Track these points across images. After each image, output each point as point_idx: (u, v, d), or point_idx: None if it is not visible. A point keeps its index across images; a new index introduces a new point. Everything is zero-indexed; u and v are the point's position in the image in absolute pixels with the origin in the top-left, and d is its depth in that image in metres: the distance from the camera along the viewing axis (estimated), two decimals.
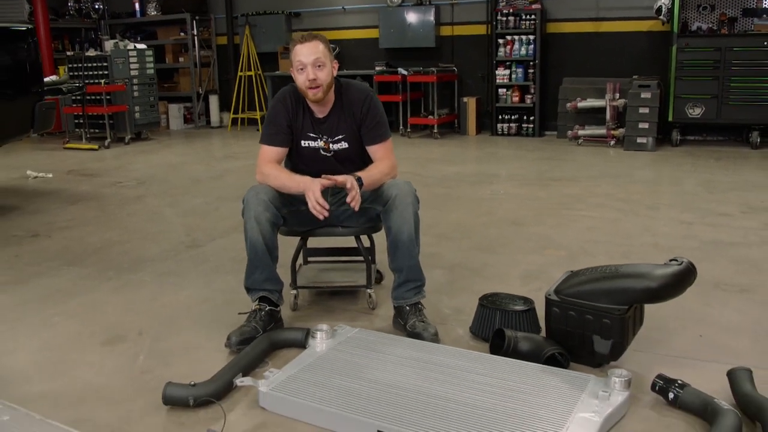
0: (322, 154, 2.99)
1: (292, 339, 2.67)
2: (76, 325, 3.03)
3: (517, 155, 7.86)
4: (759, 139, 7.62)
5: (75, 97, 8.78)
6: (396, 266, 2.83)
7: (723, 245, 4.04)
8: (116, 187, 6.30)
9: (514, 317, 2.74)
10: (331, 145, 2.98)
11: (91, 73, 9.06)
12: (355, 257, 3.33)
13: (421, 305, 2.87)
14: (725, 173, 6.35)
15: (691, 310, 3.01)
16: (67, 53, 9.93)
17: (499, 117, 9.29)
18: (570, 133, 8.46)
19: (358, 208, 2.72)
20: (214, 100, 11.17)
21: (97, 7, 11.40)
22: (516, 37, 8.97)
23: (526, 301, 2.85)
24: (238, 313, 2.88)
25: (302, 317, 3.06)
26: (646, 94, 7.76)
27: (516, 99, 9.17)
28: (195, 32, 10.97)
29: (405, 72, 9.16)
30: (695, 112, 7.73)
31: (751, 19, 7.82)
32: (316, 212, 2.68)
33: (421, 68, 9.21)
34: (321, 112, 2.97)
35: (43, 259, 4.07)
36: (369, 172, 2.85)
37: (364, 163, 3.03)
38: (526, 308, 2.78)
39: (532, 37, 8.87)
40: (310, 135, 2.98)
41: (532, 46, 8.90)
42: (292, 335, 2.69)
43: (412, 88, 9.27)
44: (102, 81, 8.89)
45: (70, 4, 11.31)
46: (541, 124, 9.13)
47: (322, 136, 2.98)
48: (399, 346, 2.60)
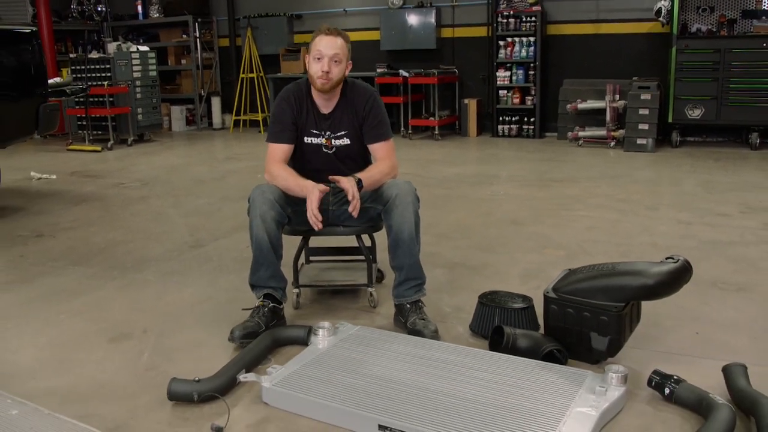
0: (324, 150, 3.04)
1: (295, 336, 2.71)
2: (82, 323, 3.08)
3: (518, 156, 7.91)
4: (758, 140, 7.65)
5: (78, 99, 8.83)
6: (397, 264, 2.87)
7: (721, 245, 4.08)
8: (119, 188, 6.34)
9: (513, 315, 2.77)
10: (333, 140, 3.03)
11: (94, 75, 9.11)
12: (357, 256, 3.37)
13: (421, 303, 2.91)
14: (724, 174, 6.39)
15: (689, 308, 3.05)
16: (70, 55, 9.98)
17: (500, 118, 9.33)
18: (570, 134, 8.50)
19: (357, 215, 2.77)
20: (216, 102, 11.21)
21: (99, 9, 11.46)
22: (516, 39, 9.01)
23: (524, 299, 2.89)
24: (242, 309, 2.91)
25: (304, 315, 3.10)
26: (645, 96, 7.80)
27: (516, 101, 9.21)
28: (197, 34, 11.03)
29: (406, 74, 9.20)
30: (695, 113, 7.77)
31: (751, 20, 7.85)
32: (311, 222, 2.74)
33: (422, 70, 9.24)
34: (326, 108, 3.01)
35: (47, 258, 4.11)
36: (369, 173, 2.89)
37: (365, 162, 3.08)
38: (525, 306, 2.81)
39: (532, 39, 8.91)
40: (313, 131, 3.02)
41: (532, 48, 8.94)
42: (295, 332, 2.73)
43: (413, 90, 9.31)
44: (105, 83, 8.94)
45: (72, 7, 11.35)
46: (542, 126, 9.16)
47: (325, 132, 3.02)
48: (400, 343, 2.64)
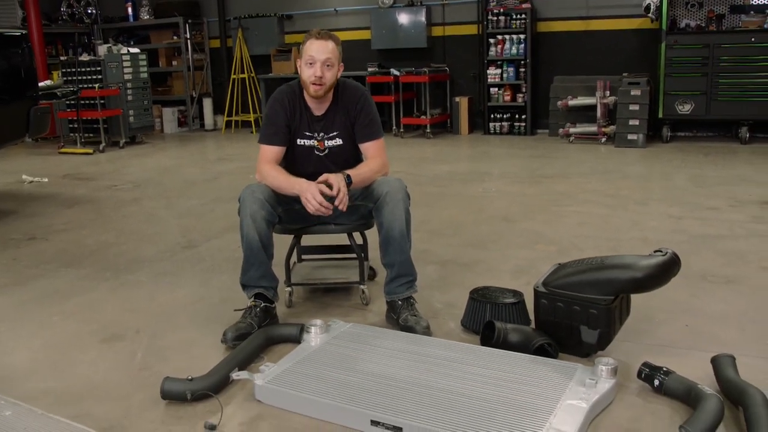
0: (316, 153, 3.05)
1: (287, 334, 2.73)
2: (75, 325, 3.08)
3: (509, 153, 7.93)
4: (748, 135, 7.70)
5: (69, 102, 8.82)
6: (388, 262, 2.89)
7: (711, 238, 4.11)
8: (112, 190, 6.34)
9: (504, 310, 2.79)
10: (326, 141, 3.04)
11: (85, 77, 9.11)
12: (348, 254, 3.38)
13: (413, 299, 2.92)
14: (714, 168, 6.43)
15: (678, 301, 3.07)
16: (61, 58, 9.97)
17: (491, 116, 9.36)
18: (561, 131, 8.54)
19: (345, 209, 2.78)
20: (207, 103, 11.21)
21: (89, 11, 11.44)
22: (507, 37, 9.04)
23: (515, 294, 2.91)
24: (234, 310, 2.93)
25: (297, 313, 3.11)
26: (636, 92, 7.84)
27: (508, 98, 9.23)
28: (188, 36, 11.03)
29: (397, 72, 9.22)
30: (685, 108, 7.81)
31: (739, 15, 7.90)
32: (321, 212, 2.74)
33: (413, 69, 9.26)
34: (318, 110, 3.03)
35: (40, 261, 4.11)
36: (358, 170, 2.91)
37: (357, 162, 3.09)
38: (516, 301, 2.84)
39: (522, 37, 8.94)
40: (306, 133, 3.03)
41: (522, 46, 8.96)
42: (287, 330, 2.74)
43: (404, 89, 9.32)
44: (96, 85, 8.93)
45: (62, 9, 11.33)
46: (533, 123, 9.19)
47: (317, 134, 3.03)
48: (391, 339, 2.65)
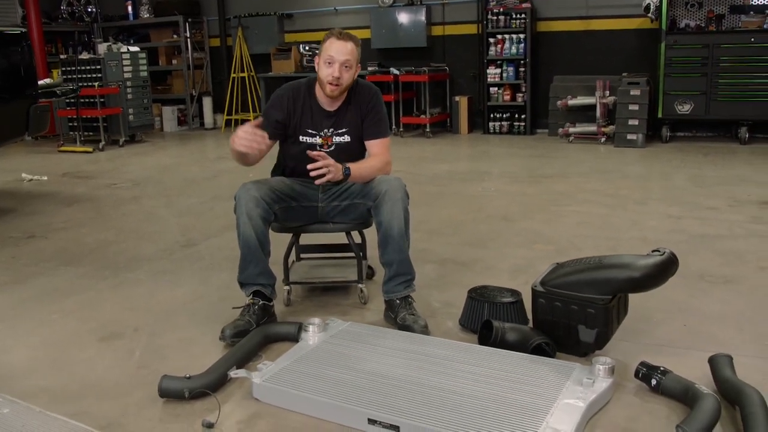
0: (319, 150, 3.04)
1: (285, 332, 2.73)
2: (74, 323, 3.09)
3: (509, 153, 7.94)
4: (747, 135, 7.70)
5: (69, 100, 8.81)
6: (386, 260, 2.89)
7: (709, 238, 4.11)
8: (111, 188, 6.34)
9: (502, 309, 2.80)
10: (335, 137, 3.04)
11: (85, 76, 9.10)
12: (347, 253, 3.38)
13: (411, 299, 2.93)
14: (713, 168, 6.43)
15: (676, 301, 3.08)
16: (61, 56, 9.95)
17: (491, 115, 9.36)
18: (561, 130, 8.54)
19: (320, 182, 2.77)
20: (207, 102, 11.21)
21: (89, 10, 11.44)
22: (507, 36, 9.04)
23: (513, 293, 2.91)
24: (232, 308, 2.93)
25: (295, 312, 3.12)
26: (635, 92, 7.84)
27: (507, 97, 9.23)
28: (188, 34, 11.02)
29: (397, 72, 9.22)
30: (684, 108, 7.81)
31: (739, 15, 7.90)
32: (247, 141, 2.69)
33: (413, 68, 9.27)
34: (331, 106, 3.03)
35: (40, 259, 4.11)
36: (359, 165, 2.92)
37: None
38: (514, 300, 2.84)
39: (522, 36, 8.94)
40: (309, 131, 3.03)
41: (522, 45, 8.96)
42: (285, 329, 2.75)
43: (404, 88, 9.33)
44: (95, 84, 8.92)
45: (62, 8, 11.33)
46: (533, 122, 9.19)
47: (328, 129, 3.03)
48: (389, 338, 2.66)
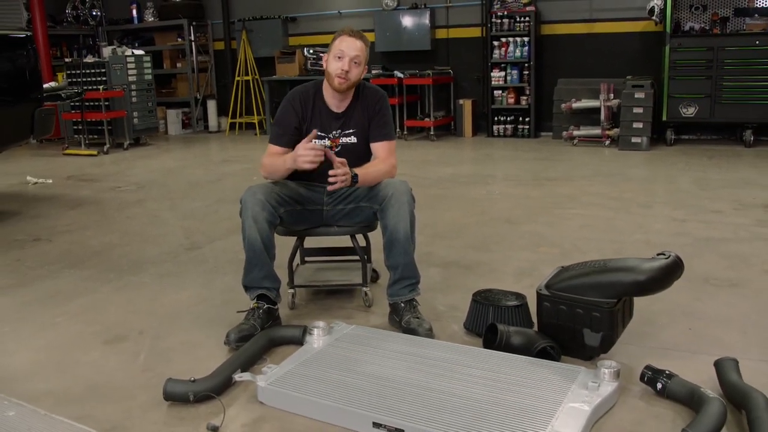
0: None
1: (290, 336, 2.73)
2: (78, 326, 3.09)
3: (513, 156, 7.93)
4: (752, 138, 7.68)
5: (74, 104, 8.85)
6: (392, 264, 2.89)
7: (714, 241, 4.10)
8: (115, 191, 6.35)
9: (507, 312, 2.79)
10: (342, 138, 3.05)
11: (90, 79, 9.12)
12: (351, 256, 3.38)
13: (415, 302, 2.92)
14: (718, 171, 6.42)
15: (681, 304, 3.07)
16: (66, 60, 10.00)
17: (495, 119, 9.35)
18: (565, 133, 8.53)
19: (333, 188, 2.79)
20: (211, 105, 11.22)
21: (94, 13, 11.44)
22: (510, 40, 9.04)
23: (518, 296, 2.91)
24: (237, 312, 2.93)
25: (299, 315, 3.12)
26: (639, 94, 7.84)
27: (511, 101, 9.23)
28: (192, 38, 11.04)
29: (401, 75, 9.23)
30: (689, 111, 7.80)
31: (743, 18, 7.89)
32: (318, 157, 2.76)
33: (417, 71, 9.28)
34: (339, 107, 3.04)
35: (44, 262, 4.12)
36: (366, 170, 2.92)
37: (367, 162, 3.09)
38: (519, 303, 2.83)
39: (526, 39, 8.94)
40: (319, 134, 3.04)
41: (526, 48, 8.96)
42: (290, 332, 2.75)
43: (408, 91, 9.34)
44: (100, 87, 8.94)
45: (67, 11, 11.33)
46: (537, 125, 9.19)
47: (336, 131, 3.04)
48: (394, 342, 2.65)
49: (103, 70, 9.12)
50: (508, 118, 9.30)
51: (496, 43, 9.15)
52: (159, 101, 10.41)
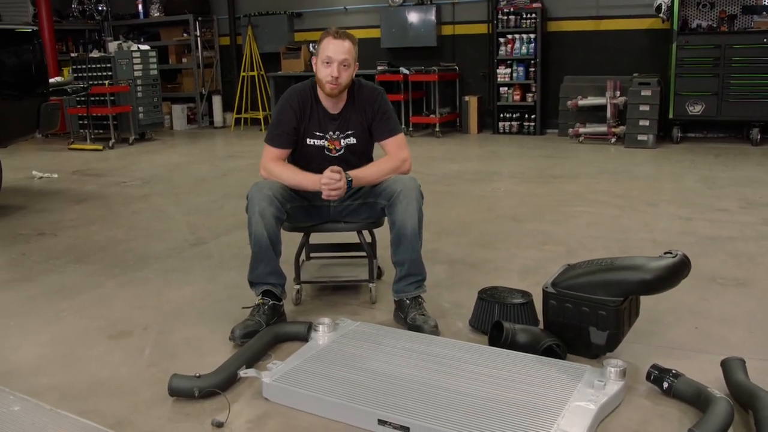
0: (326, 153, 3.04)
1: (295, 332, 2.73)
2: (83, 320, 3.09)
3: (519, 153, 7.91)
4: (759, 136, 7.64)
5: (79, 98, 8.84)
6: (398, 260, 2.88)
7: (720, 240, 4.08)
8: (121, 186, 6.36)
9: (513, 310, 2.78)
10: (342, 140, 3.03)
11: (95, 74, 9.13)
12: (357, 253, 3.37)
13: (421, 299, 2.92)
14: (725, 169, 6.39)
15: (688, 303, 3.05)
16: (71, 55, 9.99)
17: (501, 115, 9.33)
18: (571, 131, 8.50)
19: (328, 197, 2.82)
20: (217, 101, 11.23)
21: (100, 8, 11.46)
22: (517, 36, 9.01)
23: (524, 294, 2.90)
24: (242, 308, 2.93)
25: (305, 311, 3.11)
26: (646, 92, 7.80)
27: (517, 97, 9.21)
28: (198, 33, 11.05)
29: (407, 71, 9.21)
30: (695, 109, 7.77)
31: (751, 16, 7.85)
32: (339, 189, 2.80)
33: (423, 67, 9.25)
34: (334, 109, 3.02)
35: (49, 256, 4.13)
36: (363, 172, 2.91)
37: (368, 160, 3.09)
38: (524, 301, 2.82)
39: (532, 36, 8.91)
40: (317, 133, 3.02)
41: (533, 45, 8.93)
42: (295, 328, 2.74)
43: (413, 88, 9.32)
44: (106, 82, 8.95)
45: (73, 6, 11.37)
46: (543, 123, 9.16)
47: (334, 132, 3.02)
48: (399, 339, 2.65)
49: (109, 65, 9.12)
50: (514, 115, 9.28)
51: (502, 40, 9.12)
52: (164, 96, 10.41)
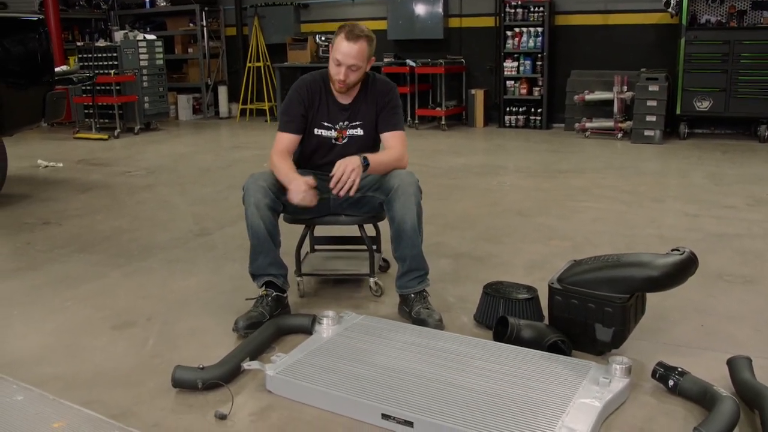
0: (334, 142, 3.04)
1: (299, 325, 2.72)
2: (87, 310, 3.09)
3: (525, 147, 7.88)
4: (767, 133, 7.59)
5: (85, 87, 8.83)
6: (400, 255, 2.87)
7: (727, 237, 4.06)
8: (126, 176, 6.36)
9: (518, 305, 2.77)
10: (349, 130, 3.03)
11: (101, 63, 9.11)
12: (361, 246, 3.36)
13: (426, 293, 2.91)
14: (732, 166, 6.35)
15: (694, 300, 3.04)
16: (77, 44, 9.99)
17: (507, 109, 9.29)
18: (578, 125, 8.46)
19: (352, 193, 2.75)
20: (222, 91, 11.20)
21: None
22: (524, 30, 8.97)
23: (529, 289, 2.88)
24: (246, 299, 2.92)
25: (309, 304, 3.11)
26: (653, 87, 7.75)
27: (524, 91, 9.17)
28: (204, 23, 11.01)
29: (413, 63, 9.18)
30: (703, 105, 7.72)
31: (761, 11, 7.78)
32: (306, 203, 2.74)
33: (429, 60, 9.22)
34: (345, 99, 3.02)
35: (54, 246, 4.13)
36: (378, 156, 2.89)
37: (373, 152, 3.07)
38: (530, 296, 2.81)
39: (540, 30, 8.86)
40: (324, 123, 3.02)
41: (540, 39, 8.88)
42: (299, 321, 2.74)
43: (420, 80, 9.28)
44: (112, 71, 8.94)
45: None
46: (549, 117, 9.12)
47: (342, 122, 3.02)
48: (404, 333, 2.64)
49: (115, 55, 9.10)
50: (520, 109, 9.24)
51: (509, 33, 9.08)
52: (170, 86, 10.40)
